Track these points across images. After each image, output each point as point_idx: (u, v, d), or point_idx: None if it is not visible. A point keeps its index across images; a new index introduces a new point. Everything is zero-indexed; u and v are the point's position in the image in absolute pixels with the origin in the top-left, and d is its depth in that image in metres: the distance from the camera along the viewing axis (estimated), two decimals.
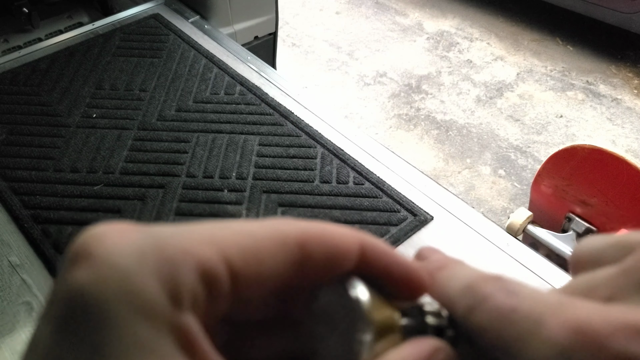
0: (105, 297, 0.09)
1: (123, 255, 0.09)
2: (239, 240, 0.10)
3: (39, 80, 0.65)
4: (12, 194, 0.51)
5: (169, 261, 0.09)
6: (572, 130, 1.39)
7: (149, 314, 0.09)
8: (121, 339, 0.09)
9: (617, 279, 0.11)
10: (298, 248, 0.11)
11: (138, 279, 0.09)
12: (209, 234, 0.10)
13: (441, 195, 0.51)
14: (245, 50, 0.70)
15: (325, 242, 0.12)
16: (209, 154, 0.56)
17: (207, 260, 0.10)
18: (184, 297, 0.09)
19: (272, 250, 0.11)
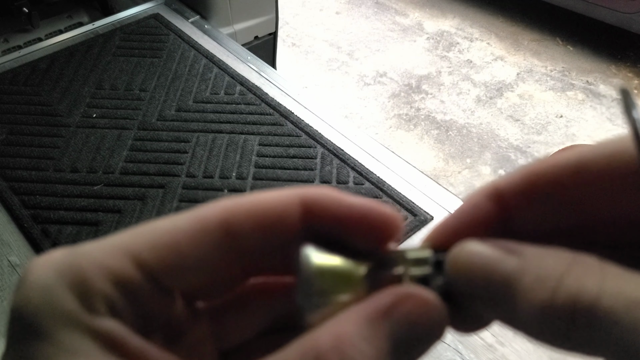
0: (32, 313, 0.10)
1: (43, 275, 0.10)
2: (152, 240, 0.11)
3: (39, 80, 0.64)
4: (12, 193, 0.51)
5: (80, 274, 0.10)
6: (572, 130, 1.39)
7: (68, 322, 0.10)
8: (49, 346, 0.10)
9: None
10: (220, 228, 0.11)
11: (55, 293, 0.10)
12: (121, 242, 0.11)
13: (441, 195, 0.51)
14: (245, 50, 0.70)
15: (251, 213, 0.11)
16: (209, 154, 0.56)
17: (116, 267, 0.11)
18: (96, 303, 0.10)
19: (191, 237, 0.11)
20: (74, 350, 0.10)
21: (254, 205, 0.11)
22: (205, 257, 0.11)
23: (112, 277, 0.11)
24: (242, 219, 0.11)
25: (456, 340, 0.40)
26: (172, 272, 0.11)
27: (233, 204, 0.11)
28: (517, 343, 0.40)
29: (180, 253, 0.11)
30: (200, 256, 0.11)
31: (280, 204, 0.11)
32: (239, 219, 0.11)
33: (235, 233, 0.11)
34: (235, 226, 0.11)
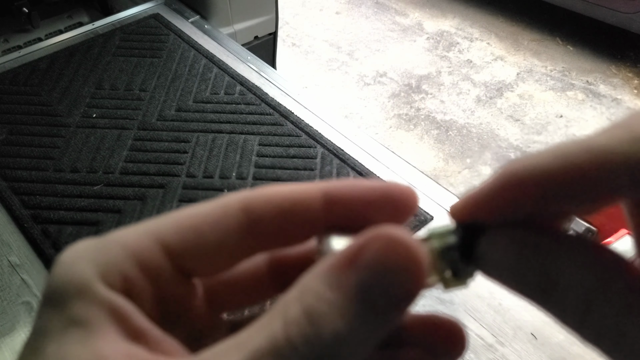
0: (54, 287, 0.11)
1: (72, 256, 0.11)
2: (176, 223, 0.11)
3: (39, 80, 0.64)
4: (12, 193, 0.51)
5: (105, 252, 0.11)
6: (572, 130, 1.39)
7: (82, 294, 0.10)
8: (61, 317, 0.10)
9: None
10: (241, 212, 0.11)
11: (77, 267, 0.11)
12: (147, 226, 0.11)
13: (441, 195, 0.51)
14: (245, 50, 0.70)
15: (272, 199, 0.11)
16: (209, 154, 0.56)
17: (139, 247, 0.11)
18: (114, 279, 0.11)
19: (213, 221, 0.11)
20: (81, 319, 0.10)
21: (275, 192, 0.12)
22: (225, 240, 0.11)
23: (134, 256, 0.11)
24: (261, 203, 0.11)
25: None
26: (194, 253, 0.11)
27: (255, 191, 0.12)
28: (517, 343, 0.40)
29: (201, 234, 0.11)
30: (221, 238, 0.11)
31: (302, 192, 0.12)
32: (259, 204, 0.11)
33: (256, 216, 0.11)
34: (256, 211, 0.11)
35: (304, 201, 0.11)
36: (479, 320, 0.42)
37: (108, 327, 0.10)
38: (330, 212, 0.11)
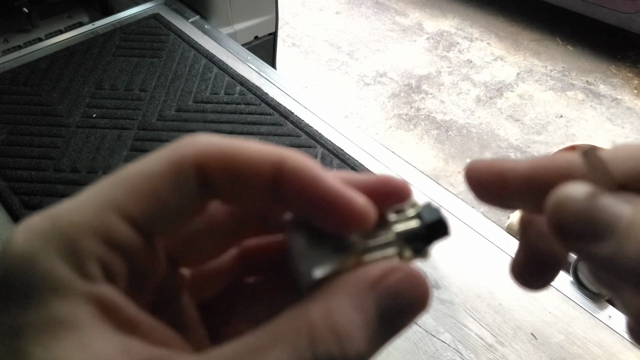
0: (17, 283, 0.09)
1: (27, 244, 0.10)
2: (132, 189, 0.10)
3: (39, 80, 0.64)
4: (12, 193, 0.51)
5: (68, 238, 0.10)
6: (572, 130, 1.39)
7: (60, 291, 0.09)
8: (38, 318, 0.09)
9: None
10: (195, 171, 0.11)
11: (44, 261, 0.09)
12: (101, 197, 0.10)
13: (441, 195, 0.51)
14: (245, 50, 0.70)
15: (226, 160, 0.11)
16: None
17: (104, 225, 0.10)
18: (91, 268, 0.10)
19: (170, 182, 0.11)
20: (67, 318, 0.09)
21: (227, 152, 0.11)
22: (182, 200, 0.11)
23: (101, 235, 0.10)
24: (214, 165, 0.11)
25: (456, 340, 0.40)
26: (157, 220, 0.11)
27: (206, 145, 0.11)
28: (517, 343, 0.40)
29: (161, 199, 0.10)
30: (179, 199, 0.11)
31: (254, 158, 0.11)
32: (211, 165, 0.11)
33: (208, 179, 0.11)
34: (208, 172, 0.11)
35: (255, 169, 0.11)
36: (479, 320, 0.42)
37: (96, 322, 0.09)
38: (279, 188, 0.11)
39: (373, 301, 0.10)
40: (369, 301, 0.10)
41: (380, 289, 0.10)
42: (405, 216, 0.12)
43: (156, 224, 0.11)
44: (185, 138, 0.11)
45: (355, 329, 0.10)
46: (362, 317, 0.10)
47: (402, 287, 0.11)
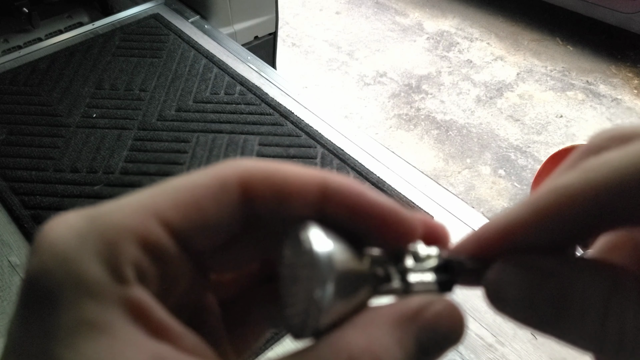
0: (51, 282, 0.09)
1: (63, 242, 0.09)
2: (175, 198, 0.10)
3: (39, 80, 0.64)
4: (12, 194, 0.51)
5: (107, 240, 0.10)
6: (572, 130, 1.39)
7: (94, 293, 0.09)
8: (70, 320, 0.09)
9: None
10: (240, 188, 0.11)
11: (79, 262, 0.09)
12: (143, 202, 0.10)
13: (441, 195, 0.51)
14: (245, 50, 0.70)
15: (271, 180, 0.11)
16: (209, 154, 0.56)
17: (143, 229, 0.10)
18: (126, 271, 0.10)
19: (212, 195, 0.11)
20: (98, 322, 0.09)
21: (273, 172, 0.11)
22: (225, 216, 0.11)
23: (140, 240, 0.10)
24: (259, 182, 0.11)
25: None
26: (196, 231, 0.11)
27: (252, 165, 0.11)
28: (517, 343, 0.40)
29: (202, 210, 0.10)
30: (220, 214, 0.11)
31: (300, 179, 0.11)
32: (256, 182, 0.11)
33: (254, 195, 0.11)
34: (253, 188, 0.11)
35: (299, 188, 0.11)
36: (479, 320, 0.42)
37: (128, 326, 0.09)
38: (323, 207, 0.11)
39: (413, 334, 0.10)
40: (409, 333, 0.10)
41: (420, 322, 0.10)
42: (422, 267, 0.11)
43: (194, 234, 0.11)
44: (232, 160, 0.11)
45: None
46: (403, 350, 0.10)
47: (441, 320, 0.11)
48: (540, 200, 0.10)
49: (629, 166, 0.09)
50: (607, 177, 0.10)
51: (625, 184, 0.09)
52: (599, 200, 0.10)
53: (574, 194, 0.10)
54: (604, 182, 0.10)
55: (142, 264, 0.10)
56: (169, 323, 0.10)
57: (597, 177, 0.10)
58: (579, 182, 0.10)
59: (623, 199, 0.09)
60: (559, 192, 0.10)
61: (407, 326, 0.10)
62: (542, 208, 0.10)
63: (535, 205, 0.10)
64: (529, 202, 0.11)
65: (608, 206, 0.10)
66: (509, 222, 0.11)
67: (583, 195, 0.10)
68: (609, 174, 0.10)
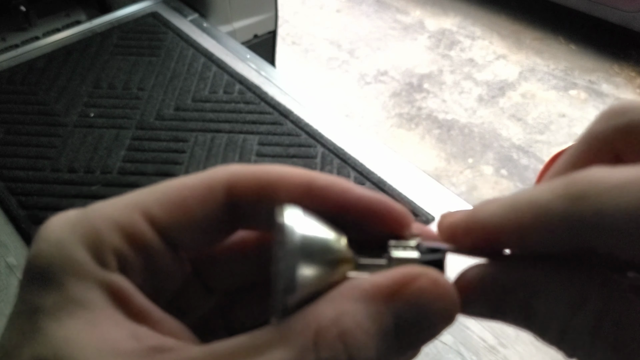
0: (43, 264, 0.10)
1: (57, 231, 0.11)
2: (162, 197, 0.11)
3: (36, 79, 0.64)
4: (9, 194, 0.51)
5: (92, 228, 0.11)
6: (575, 129, 1.38)
7: (80, 275, 0.10)
8: (58, 297, 0.10)
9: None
10: (225, 190, 0.12)
11: (68, 246, 0.10)
12: (132, 199, 0.11)
13: (443, 195, 0.51)
14: (245, 49, 0.69)
15: (256, 181, 0.12)
16: (208, 154, 0.55)
17: (127, 222, 0.11)
18: (108, 258, 0.11)
19: (199, 196, 0.11)
20: (81, 300, 0.10)
21: (258, 174, 0.12)
22: (209, 215, 0.11)
23: (123, 230, 0.11)
24: (244, 184, 0.12)
25: (458, 342, 0.40)
26: (180, 228, 0.11)
27: (239, 169, 0.12)
28: (519, 345, 0.40)
29: (187, 209, 0.11)
30: (205, 213, 0.11)
31: (285, 179, 0.12)
32: (241, 183, 0.12)
33: (237, 198, 0.12)
34: (238, 191, 0.12)
35: (286, 187, 0.12)
36: (481, 321, 0.41)
37: (109, 307, 0.10)
38: (309, 203, 0.11)
39: (391, 309, 0.10)
40: (387, 309, 0.10)
41: (400, 297, 0.10)
42: (406, 244, 0.11)
43: (180, 231, 0.11)
44: (223, 166, 0.12)
45: (367, 337, 0.09)
46: (376, 325, 0.09)
47: (425, 297, 0.10)
48: (519, 212, 0.10)
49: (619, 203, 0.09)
50: (588, 212, 0.09)
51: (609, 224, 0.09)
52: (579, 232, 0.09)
53: (552, 217, 0.09)
54: (579, 216, 0.09)
55: (125, 253, 0.11)
56: (148, 308, 0.11)
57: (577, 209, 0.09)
58: (558, 207, 0.09)
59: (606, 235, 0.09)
60: (538, 211, 0.10)
61: (385, 299, 0.10)
62: (519, 220, 0.10)
63: (515, 215, 0.10)
64: (511, 207, 0.10)
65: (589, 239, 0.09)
66: (485, 222, 0.11)
67: (563, 222, 0.09)
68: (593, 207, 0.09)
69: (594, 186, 0.09)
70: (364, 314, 0.09)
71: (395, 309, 0.10)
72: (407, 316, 0.10)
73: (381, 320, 0.09)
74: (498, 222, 0.10)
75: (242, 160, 0.54)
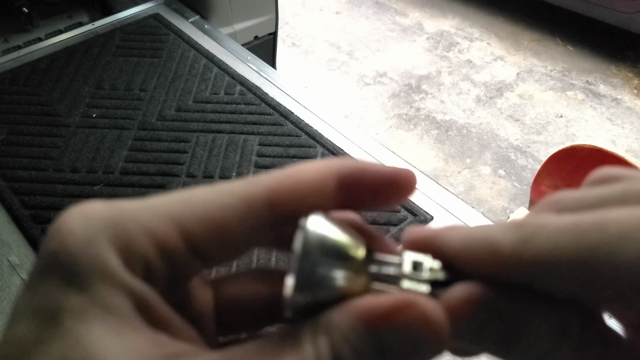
0: (71, 260, 0.10)
1: (85, 226, 0.10)
2: (201, 212, 0.11)
3: (39, 80, 0.64)
4: (12, 193, 0.51)
5: (125, 233, 0.10)
6: (572, 130, 1.39)
7: (108, 277, 0.10)
8: (83, 297, 0.10)
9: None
10: (267, 207, 0.11)
11: (98, 246, 0.10)
12: (167, 208, 0.11)
13: (441, 195, 0.51)
14: (245, 50, 0.70)
15: (294, 190, 0.11)
16: (209, 154, 0.56)
17: (161, 233, 0.11)
18: (137, 265, 0.10)
19: (240, 218, 0.11)
20: (109, 305, 0.10)
21: (296, 181, 0.12)
22: (249, 236, 0.11)
23: (156, 241, 0.11)
24: (287, 197, 0.11)
25: None
26: (216, 248, 0.11)
27: (277, 182, 0.12)
28: None
29: (228, 231, 0.11)
30: (245, 235, 0.11)
31: (320, 177, 0.12)
32: (285, 198, 0.11)
33: (280, 211, 0.11)
34: (282, 206, 0.11)
35: (323, 187, 0.12)
36: None
37: (134, 315, 0.10)
38: (343, 194, 0.12)
39: (378, 333, 0.10)
40: (375, 332, 0.10)
41: (389, 323, 0.10)
42: (420, 276, 0.11)
43: (214, 250, 0.11)
44: (258, 176, 0.12)
45: (354, 355, 0.10)
46: (364, 346, 0.10)
47: (412, 328, 0.10)
48: (473, 243, 0.11)
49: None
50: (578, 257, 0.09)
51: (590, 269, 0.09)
52: (523, 271, 0.10)
53: (501, 254, 0.10)
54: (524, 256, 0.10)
55: (154, 263, 0.11)
56: (169, 316, 0.11)
57: (522, 248, 0.10)
58: (508, 245, 0.10)
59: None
60: (489, 247, 0.10)
61: (373, 322, 0.10)
62: (472, 251, 0.10)
63: (469, 245, 0.11)
64: (467, 237, 0.11)
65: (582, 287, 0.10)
66: (443, 246, 0.11)
67: (510, 259, 0.10)
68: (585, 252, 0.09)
69: (538, 230, 0.10)
70: (354, 333, 0.10)
71: (383, 333, 0.10)
72: (393, 343, 0.10)
73: (370, 343, 0.10)
74: (454, 248, 0.11)
75: (243, 161, 0.54)
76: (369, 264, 0.11)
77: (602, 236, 0.09)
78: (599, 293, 0.09)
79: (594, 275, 0.09)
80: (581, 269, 0.09)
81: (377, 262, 0.11)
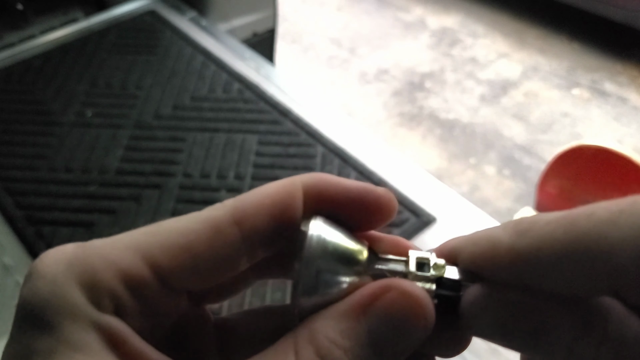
0: (38, 304, 0.10)
1: (53, 268, 0.10)
2: (165, 240, 0.11)
3: (33, 78, 0.63)
4: (6, 194, 0.50)
5: (90, 269, 0.10)
6: (578, 129, 1.37)
7: (74, 316, 0.10)
8: (52, 338, 0.10)
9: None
10: (233, 226, 0.11)
11: (64, 286, 0.10)
12: (133, 240, 0.11)
13: (445, 195, 0.50)
14: (244, 47, 0.69)
15: (260, 206, 0.11)
16: (207, 153, 0.54)
17: (126, 265, 0.11)
18: (104, 299, 0.10)
19: (207, 241, 0.11)
20: (77, 343, 0.10)
21: (261, 198, 0.12)
22: (218, 258, 0.11)
23: (121, 274, 0.11)
24: (252, 213, 0.11)
25: None
26: (185, 274, 0.11)
27: (241, 201, 0.12)
28: None
29: (194, 255, 0.11)
30: (214, 257, 0.11)
31: (285, 192, 0.12)
32: (249, 215, 0.11)
33: (247, 228, 0.11)
34: (247, 222, 0.11)
35: (289, 201, 0.12)
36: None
37: (104, 350, 0.10)
38: (310, 206, 0.12)
39: (363, 324, 0.10)
40: (359, 324, 0.10)
41: (371, 312, 0.10)
42: (424, 275, 0.11)
43: (184, 277, 0.11)
44: (214, 205, 0.12)
45: (342, 354, 0.10)
46: (349, 342, 0.10)
47: (395, 309, 0.10)
48: (476, 242, 0.11)
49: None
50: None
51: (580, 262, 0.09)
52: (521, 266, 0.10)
53: (501, 249, 0.10)
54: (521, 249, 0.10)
55: (122, 296, 0.11)
56: (143, 350, 0.10)
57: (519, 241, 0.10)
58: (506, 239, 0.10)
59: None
60: (490, 243, 0.10)
61: (357, 315, 0.10)
62: (476, 249, 0.11)
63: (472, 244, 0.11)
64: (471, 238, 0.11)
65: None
66: (449, 250, 0.11)
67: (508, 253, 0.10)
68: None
69: (533, 223, 0.10)
70: (337, 331, 0.10)
71: (368, 323, 0.10)
72: (381, 329, 0.10)
73: (355, 336, 0.10)
74: (458, 247, 0.11)
75: (241, 160, 0.53)
76: (373, 264, 0.11)
77: (590, 221, 0.09)
78: (594, 281, 0.09)
79: (585, 260, 0.09)
80: (572, 255, 0.09)
81: (381, 262, 0.11)
